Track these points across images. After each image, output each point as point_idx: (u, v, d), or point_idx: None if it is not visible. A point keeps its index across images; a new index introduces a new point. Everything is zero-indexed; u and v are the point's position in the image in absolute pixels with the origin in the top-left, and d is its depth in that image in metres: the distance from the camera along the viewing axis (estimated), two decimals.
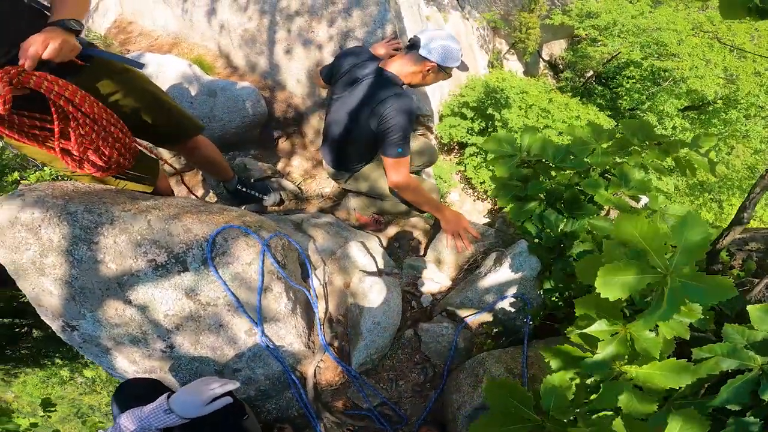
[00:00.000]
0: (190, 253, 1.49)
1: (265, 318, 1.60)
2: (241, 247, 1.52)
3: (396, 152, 1.87)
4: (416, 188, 1.98)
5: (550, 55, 9.01)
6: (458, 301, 1.89)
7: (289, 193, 2.60)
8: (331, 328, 1.93)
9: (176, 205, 1.61)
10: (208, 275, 1.51)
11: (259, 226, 1.61)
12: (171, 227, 1.47)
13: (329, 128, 2.14)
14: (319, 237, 2.03)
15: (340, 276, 1.99)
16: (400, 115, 1.83)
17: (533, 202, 1.83)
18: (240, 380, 1.71)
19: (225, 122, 2.66)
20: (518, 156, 1.80)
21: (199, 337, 1.57)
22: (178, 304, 1.51)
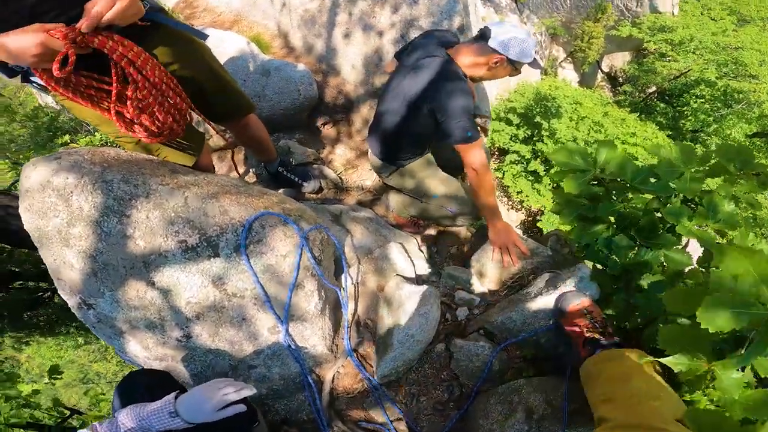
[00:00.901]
0: (224, 237, 1.37)
1: (292, 316, 1.48)
2: (278, 237, 1.39)
3: (465, 136, 1.75)
4: (492, 180, 1.84)
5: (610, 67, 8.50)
6: (499, 321, 1.70)
7: (329, 181, 2.47)
8: (357, 333, 1.79)
9: (216, 183, 1.51)
10: (239, 264, 1.39)
11: (299, 215, 1.48)
12: (208, 207, 1.36)
13: (382, 115, 1.99)
14: (357, 232, 1.89)
15: (374, 277, 1.84)
16: (461, 99, 1.72)
17: (601, 224, 1.62)
18: (253, 378, 1.60)
19: (274, 103, 2.56)
20: (591, 172, 1.59)
21: (219, 329, 1.47)
22: (203, 291, 1.40)
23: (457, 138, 1.76)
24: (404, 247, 1.89)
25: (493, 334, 1.75)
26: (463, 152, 1.79)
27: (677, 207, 1.51)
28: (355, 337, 1.74)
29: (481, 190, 1.85)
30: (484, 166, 1.81)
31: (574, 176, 1.61)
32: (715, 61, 6.99)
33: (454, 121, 1.74)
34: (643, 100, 8.07)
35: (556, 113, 7.12)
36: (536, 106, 7.32)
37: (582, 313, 1.47)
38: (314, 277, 1.45)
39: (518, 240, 1.93)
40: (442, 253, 2.35)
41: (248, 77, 2.53)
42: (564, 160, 1.67)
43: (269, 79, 2.55)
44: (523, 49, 1.77)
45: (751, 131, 7.09)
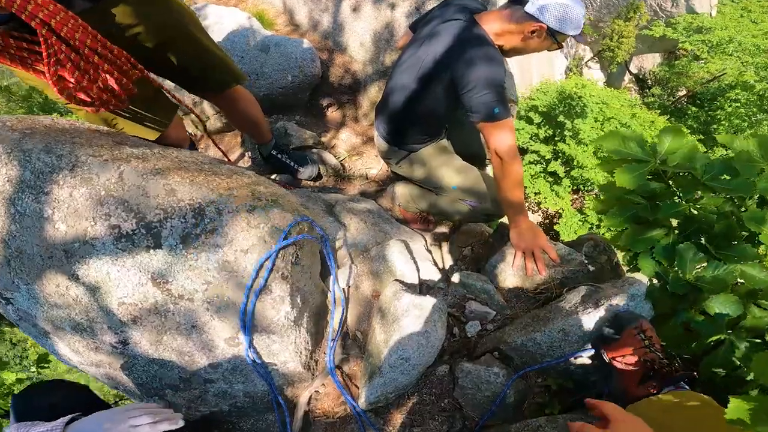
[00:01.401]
0: (168, 224, 1.02)
1: (255, 327, 1.12)
2: (239, 227, 1.03)
3: (492, 113, 1.39)
4: (519, 170, 1.46)
5: (639, 69, 7.86)
6: (519, 342, 1.30)
7: (329, 168, 2.10)
8: (343, 347, 1.42)
9: (172, 158, 1.16)
10: (187, 258, 1.03)
11: (272, 201, 1.11)
12: (149, 185, 1.01)
13: (392, 91, 1.63)
14: (352, 226, 1.52)
15: (369, 281, 1.46)
16: (488, 66, 1.37)
17: (660, 228, 1.22)
18: (212, 393, 1.26)
19: (273, 81, 2.22)
20: (651, 163, 1.20)
21: (162, 336, 1.12)
22: (141, 290, 1.06)
23: (481, 114, 1.38)
24: (407, 245, 1.51)
25: (510, 358, 1.35)
26: (488, 133, 1.42)
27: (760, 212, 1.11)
28: (340, 353, 1.37)
29: (506, 180, 1.45)
30: (512, 152, 1.43)
31: (630, 167, 1.22)
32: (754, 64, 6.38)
33: (477, 94, 1.37)
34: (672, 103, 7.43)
35: (581, 113, 6.60)
36: (560, 105, 6.81)
37: (639, 340, 1.06)
38: (285, 280, 1.09)
39: (546, 244, 1.52)
40: (454, 254, 1.96)
41: (246, 54, 2.22)
42: (615, 147, 1.30)
43: (268, 55, 2.22)
44: (569, 17, 1.39)
45: None
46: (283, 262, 1.09)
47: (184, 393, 1.27)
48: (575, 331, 1.20)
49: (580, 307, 1.23)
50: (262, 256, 1.03)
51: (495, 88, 1.37)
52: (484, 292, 1.50)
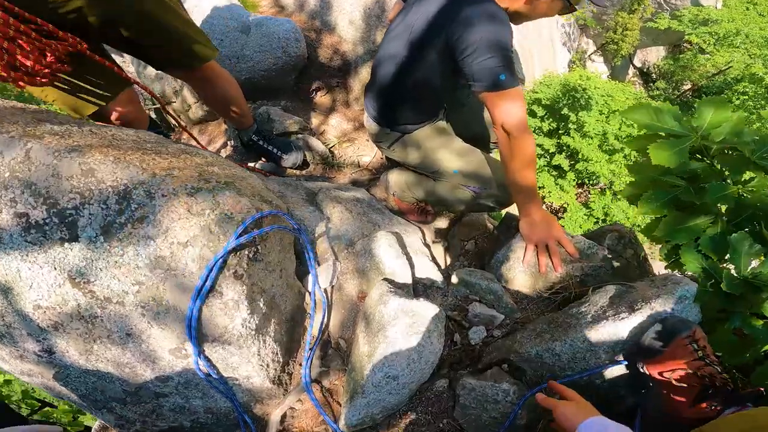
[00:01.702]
0: (85, 211, 0.78)
1: (207, 337, 0.87)
2: (177, 214, 0.79)
3: (497, 80, 1.13)
4: (531, 149, 1.20)
5: (643, 62, 7.53)
6: (533, 352, 1.05)
7: (317, 155, 1.86)
8: (323, 358, 1.18)
9: (101, 136, 0.92)
10: (110, 252, 0.79)
11: (226, 182, 0.87)
12: (62, 164, 0.78)
13: (380, 64, 1.39)
14: (336, 216, 1.27)
15: (355, 280, 1.22)
16: (491, 25, 1.12)
17: (705, 216, 0.97)
18: (168, 408, 1.02)
19: (254, 63, 1.99)
20: (693, 138, 0.99)
21: (92, 345, 0.88)
22: (58, 291, 0.82)
23: (484, 82, 1.13)
24: (400, 238, 1.25)
25: (522, 371, 1.10)
26: (493, 104, 1.17)
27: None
28: (318, 365, 1.12)
29: (515, 160, 1.20)
30: (522, 126, 1.17)
31: (667, 143, 0.98)
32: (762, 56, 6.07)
33: (479, 59, 1.12)
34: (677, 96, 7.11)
35: (586, 105, 6.31)
36: (564, 98, 6.52)
37: (690, 351, 0.80)
38: (240, 280, 0.84)
39: (563, 235, 1.27)
40: (455, 250, 1.70)
41: (226, 36, 1.99)
42: (648, 121, 1.05)
43: (249, 37, 1.99)
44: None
45: None
46: (237, 258, 0.84)
47: (134, 407, 1.04)
48: (604, 340, 0.94)
49: (610, 311, 0.97)
50: (207, 251, 0.78)
51: (499, 51, 1.12)
52: (490, 292, 1.24)
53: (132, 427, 1.10)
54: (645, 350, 0.88)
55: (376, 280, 1.13)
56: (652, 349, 0.87)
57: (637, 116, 1.07)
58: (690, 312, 0.91)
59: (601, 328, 0.94)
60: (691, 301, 0.91)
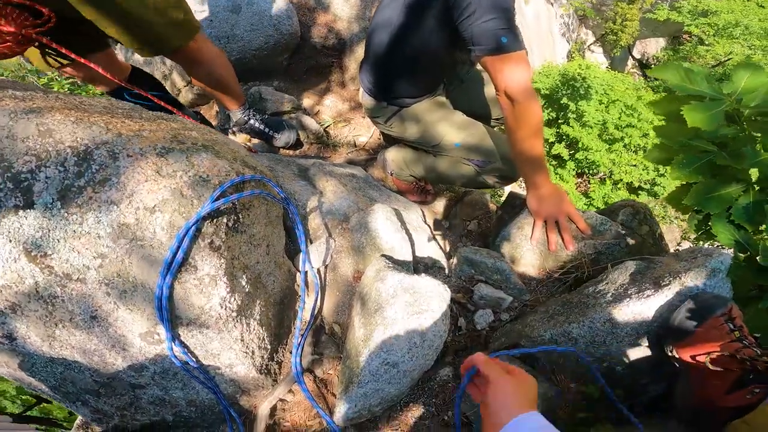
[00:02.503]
0: (42, 174, 0.67)
1: (179, 319, 0.76)
2: (144, 175, 0.68)
3: (498, 43, 1.03)
4: (538, 116, 1.09)
5: (642, 53, 7.39)
6: (547, 336, 0.94)
7: (311, 134, 1.74)
8: (315, 345, 1.07)
9: (66, 101, 0.80)
10: (68, 220, 0.68)
11: (204, 145, 0.75)
12: (17, 126, 0.67)
13: (374, 31, 1.27)
14: (329, 190, 1.15)
15: (350, 259, 1.10)
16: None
17: (737, 184, 0.86)
18: (146, 400, 0.91)
19: (245, 43, 1.88)
20: (725, 102, 0.89)
21: (53, 330, 0.76)
22: (13, 267, 0.70)
23: (486, 46, 1.03)
24: (398, 213, 1.14)
25: (535, 358, 0.99)
26: (495, 68, 1.05)
27: None
28: (310, 352, 1.01)
29: (521, 128, 1.08)
30: (527, 91, 1.05)
31: (702, 105, 0.89)
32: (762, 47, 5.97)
33: (479, 20, 1.02)
34: None
35: (585, 95, 6.20)
36: (563, 87, 6.41)
37: (727, 330, 0.69)
38: (216, 251, 0.73)
39: (574, 210, 1.16)
40: (457, 229, 1.59)
41: (215, 17, 1.87)
42: (680, 82, 0.95)
43: (240, 15, 1.87)
44: None
45: None
46: (214, 227, 0.73)
47: (109, 399, 0.93)
48: (628, 320, 0.83)
49: (633, 288, 0.86)
50: (178, 217, 0.67)
51: (501, 12, 1.02)
52: (497, 271, 1.13)
53: (110, 421, 0.99)
54: (675, 331, 0.77)
55: (374, 257, 1.02)
56: (682, 329, 0.76)
57: (668, 75, 0.96)
58: (722, 288, 0.80)
59: (624, 307, 0.82)
60: (724, 274, 0.80)
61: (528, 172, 1.16)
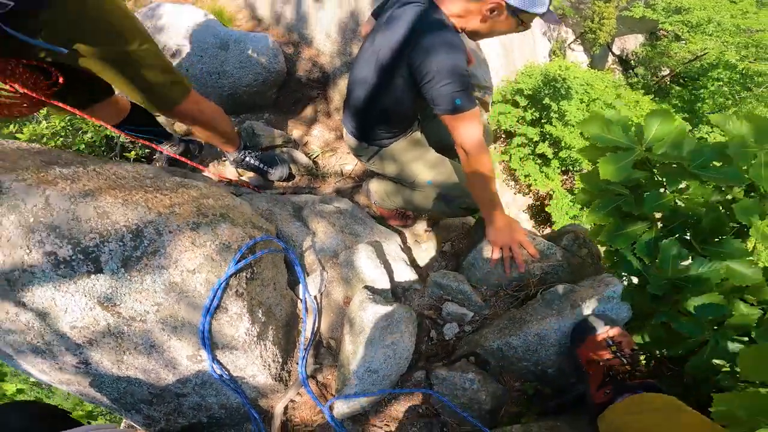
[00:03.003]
0: (105, 248, 0.93)
1: (216, 344, 1.04)
2: (182, 246, 0.94)
3: (453, 105, 1.25)
4: (488, 164, 1.35)
5: (621, 50, 7.73)
6: (495, 346, 1.24)
7: (301, 167, 2.00)
8: (316, 357, 1.35)
9: (106, 175, 1.06)
10: (131, 281, 0.94)
11: (221, 215, 1.02)
12: (79, 209, 0.92)
13: (353, 85, 1.52)
14: (320, 231, 1.43)
15: (341, 287, 1.38)
16: (447, 54, 1.23)
17: (642, 222, 1.14)
18: (186, 406, 1.19)
19: (235, 80, 2.10)
20: (636, 151, 1.12)
21: (122, 356, 1.04)
22: (90, 314, 0.97)
23: (443, 106, 1.26)
24: (379, 248, 1.42)
25: (487, 362, 1.29)
26: (451, 126, 1.31)
27: (752, 203, 1.01)
28: (312, 363, 1.30)
29: (475, 177, 1.36)
30: (478, 145, 1.32)
31: (614, 157, 1.12)
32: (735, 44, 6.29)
33: (438, 85, 1.24)
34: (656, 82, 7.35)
35: (566, 95, 6.52)
36: (545, 88, 6.72)
37: (606, 345, 0.99)
38: (241, 297, 1.00)
39: (525, 239, 1.44)
40: (434, 251, 1.88)
41: (205, 53, 2.09)
42: (599, 133, 1.17)
43: (228, 53, 2.10)
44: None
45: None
46: (237, 279, 1.00)
47: (159, 407, 1.21)
48: (551, 335, 1.13)
49: (556, 308, 1.16)
50: (211, 275, 0.94)
51: (456, 77, 1.24)
52: (461, 292, 1.42)
53: (157, 425, 1.26)
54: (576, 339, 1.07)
55: (358, 287, 1.30)
56: (581, 339, 1.06)
57: (590, 128, 1.18)
58: (621, 309, 1.10)
59: (548, 324, 1.12)
60: (618, 300, 1.09)
61: (484, 209, 1.44)
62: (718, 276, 1.02)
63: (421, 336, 1.43)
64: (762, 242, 1.00)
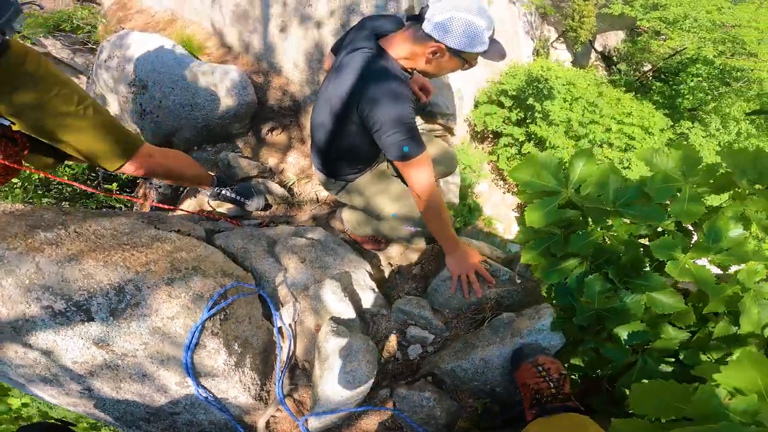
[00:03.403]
0: (94, 301, 1.09)
1: (199, 373, 1.20)
2: (160, 299, 1.10)
3: (401, 152, 1.34)
4: (438, 204, 1.46)
5: (603, 47, 7.92)
6: (449, 368, 1.41)
7: (277, 197, 2.15)
8: (292, 378, 1.51)
9: (86, 236, 1.21)
10: (120, 326, 1.10)
11: (193, 267, 1.18)
12: (66, 272, 1.08)
13: (314, 128, 1.63)
14: (291, 267, 1.59)
15: (312, 316, 1.54)
16: (392, 104, 1.30)
17: (573, 259, 1.28)
18: (180, 423, 1.37)
19: (208, 112, 2.21)
20: (563, 194, 1.23)
21: (120, 383, 1.22)
22: (87, 352, 1.15)
23: (392, 154, 1.37)
24: (347, 279, 1.59)
25: (443, 382, 1.46)
26: (402, 171, 1.44)
27: (667, 241, 1.16)
28: (288, 384, 1.47)
29: (427, 216, 1.51)
30: (428, 189, 1.43)
31: (540, 203, 1.24)
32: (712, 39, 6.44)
33: (385, 134, 1.33)
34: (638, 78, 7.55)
35: (549, 95, 6.68)
36: (529, 88, 6.88)
37: (536, 372, 1.16)
38: (216, 336, 1.16)
39: (481, 267, 1.61)
40: (404, 273, 2.04)
41: (176, 85, 2.19)
42: (529, 179, 1.28)
43: (198, 85, 2.19)
44: (469, 33, 1.27)
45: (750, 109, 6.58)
46: (212, 322, 1.16)
47: (156, 424, 1.39)
48: (495, 360, 1.30)
49: (500, 336, 1.33)
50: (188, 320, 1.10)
51: (402, 126, 1.32)
52: (422, 317, 1.59)
53: None
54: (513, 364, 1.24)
55: (326, 317, 1.46)
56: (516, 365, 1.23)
57: (520, 174, 1.29)
58: (553, 337, 1.27)
59: (491, 350, 1.30)
60: (548, 330, 1.26)
61: (441, 242, 1.60)
62: (639, 307, 1.16)
63: (387, 357, 1.60)
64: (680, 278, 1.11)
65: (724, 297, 1.14)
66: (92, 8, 5.23)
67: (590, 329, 1.25)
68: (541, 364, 1.17)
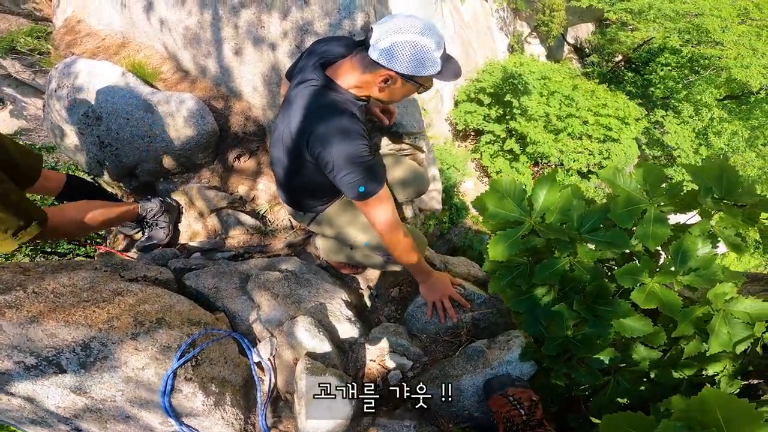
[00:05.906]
0: (63, 356, 1.15)
1: (180, 414, 1.25)
2: (128, 351, 1.15)
3: (357, 193, 1.32)
4: (403, 239, 1.46)
5: (575, 39, 8.14)
6: (428, 395, 1.47)
7: (249, 228, 2.18)
8: (274, 410, 1.56)
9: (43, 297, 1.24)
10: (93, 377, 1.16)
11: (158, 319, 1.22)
12: (30, 333, 1.12)
13: (272, 163, 1.62)
14: (264, 303, 1.63)
15: (288, 350, 1.59)
16: (343, 142, 1.27)
17: (541, 287, 1.32)
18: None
19: (167, 143, 2.16)
20: (527, 224, 1.24)
21: (106, 424, 1.28)
22: (67, 399, 1.21)
23: (349, 194, 1.35)
24: (322, 311, 1.64)
25: (423, 408, 1.52)
26: (361, 209, 1.43)
27: (633, 267, 1.20)
28: (271, 416, 1.52)
29: (394, 252, 1.53)
30: (389, 226, 1.42)
31: (503, 235, 1.24)
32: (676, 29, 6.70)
33: (339, 175, 1.30)
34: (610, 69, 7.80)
35: (525, 90, 6.85)
36: (505, 84, 7.04)
37: (506, 402, 1.23)
38: (189, 381, 1.21)
39: (454, 292, 1.69)
40: (383, 297, 2.10)
41: (131, 116, 2.12)
42: (494, 209, 1.28)
43: (154, 115, 2.12)
44: (417, 56, 1.22)
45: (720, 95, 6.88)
46: (183, 369, 1.21)
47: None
48: (469, 389, 1.38)
49: (472, 366, 1.41)
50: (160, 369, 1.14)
51: (354, 166, 1.28)
52: (399, 345, 1.66)
53: None
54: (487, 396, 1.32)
55: (302, 351, 1.52)
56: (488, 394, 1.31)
57: (488, 201, 1.29)
58: (524, 366, 1.35)
59: (464, 380, 1.38)
60: (518, 361, 1.33)
61: (412, 273, 1.66)
62: (607, 334, 1.21)
63: (368, 384, 1.66)
64: (645, 306, 1.15)
65: (693, 319, 1.17)
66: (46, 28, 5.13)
67: (558, 358, 1.32)
68: (512, 395, 1.25)
